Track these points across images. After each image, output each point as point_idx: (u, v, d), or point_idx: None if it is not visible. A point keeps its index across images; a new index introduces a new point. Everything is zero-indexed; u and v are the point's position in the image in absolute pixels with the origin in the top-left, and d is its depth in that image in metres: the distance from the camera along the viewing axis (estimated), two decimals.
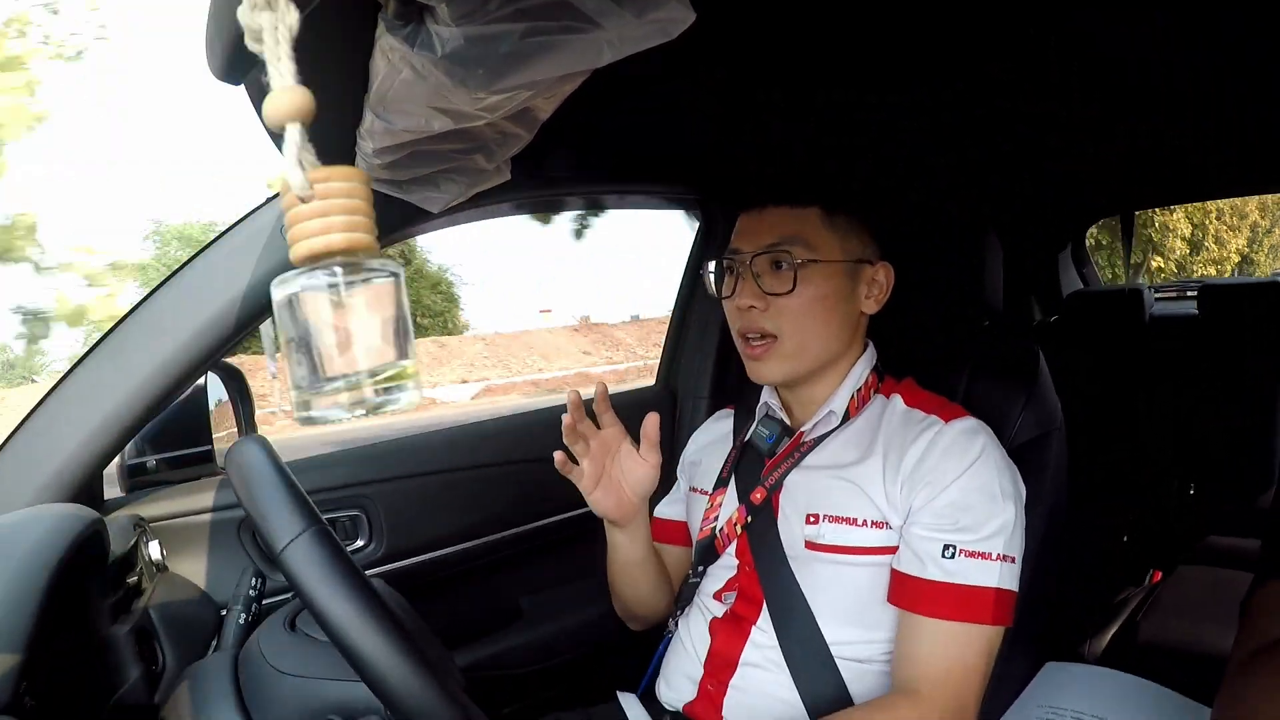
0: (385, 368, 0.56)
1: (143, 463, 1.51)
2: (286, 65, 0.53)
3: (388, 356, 0.56)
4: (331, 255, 0.54)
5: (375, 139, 0.93)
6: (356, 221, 0.55)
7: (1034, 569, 1.25)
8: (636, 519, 1.37)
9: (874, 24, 1.24)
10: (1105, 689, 1.32)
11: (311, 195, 0.54)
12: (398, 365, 0.56)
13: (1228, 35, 1.32)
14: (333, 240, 0.54)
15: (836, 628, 1.25)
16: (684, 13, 0.65)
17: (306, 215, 0.54)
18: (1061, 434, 1.43)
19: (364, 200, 0.56)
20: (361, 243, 0.55)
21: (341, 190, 0.54)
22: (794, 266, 1.26)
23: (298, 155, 0.54)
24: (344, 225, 0.54)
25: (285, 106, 0.53)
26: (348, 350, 0.54)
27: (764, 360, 1.30)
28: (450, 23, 0.62)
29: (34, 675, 0.85)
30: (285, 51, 0.53)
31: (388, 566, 1.71)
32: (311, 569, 0.85)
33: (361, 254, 0.55)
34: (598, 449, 1.31)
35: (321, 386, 0.54)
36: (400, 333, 0.57)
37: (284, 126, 0.53)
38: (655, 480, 1.32)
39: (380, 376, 0.55)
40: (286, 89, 0.53)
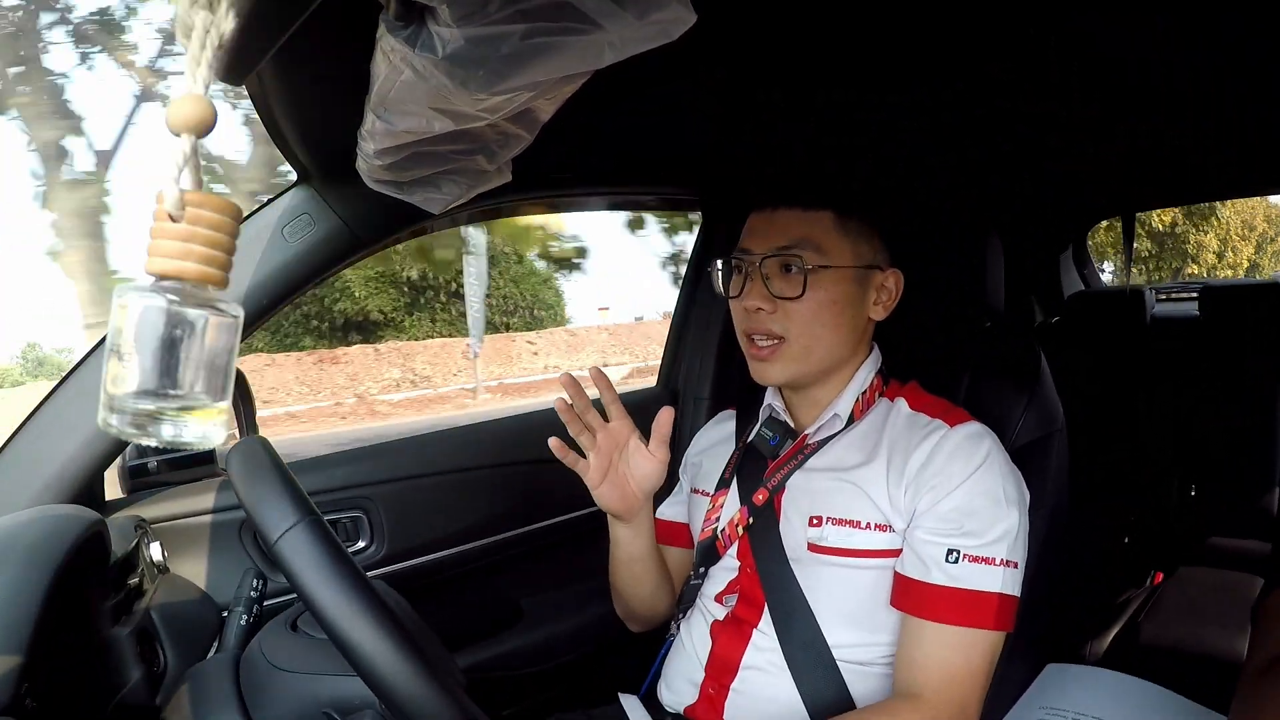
0: (195, 399, 0.56)
1: (144, 464, 1.51)
2: (204, 72, 0.53)
3: (197, 391, 0.56)
4: (182, 279, 0.55)
5: (376, 140, 0.93)
6: (215, 257, 0.56)
7: (1035, 570, 1.25)
8: (641, 514, 1.37)
9: (875, 24, 1.24)
10: (1107, 690, 1.32)
11: (181, 216, 0.54)
12: (206, 404, 0.57)
13: (1228, 36, 1.32)
14: (186, 268, 0.55)
15: (838, 630, 1.25)
16: (685, 14, 0.65)
17: (171, 234, 0.55)
18: (1063, 435, 1.43)
19: (229, 236, 0.56)
20: (213, 278, 0.56)
21: (210, 221, 0.55)
22: (804, 271, 1.25)
23: (180, 170, 0.54)
24: (201, 256, 0.55)
25: (187, 115, 0.53)
26: (164, 373, 0.55)
27: (769, 362, 1.29)
28: (451, 24, 0.62)
29: (35, 676, 0.85)
30: (208, 58, 0.53)
31: (389, 568, 1.71)
32: (305, 559, 0.85)
33: (211, 288, 0.56)
34: (605, 442, 1.31)
35: (124, 399, 0.55)
36: (222, 372, 0.57)
37: (180, 135, 0.53)
38: (662, 476, 1.32)
39: (185, 406, 0.56)
40: (194, 97, 0.53)
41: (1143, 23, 1.27)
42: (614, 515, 1.37)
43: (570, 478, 1.31)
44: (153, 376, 0.55)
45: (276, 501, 0.89)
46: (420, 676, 0.83)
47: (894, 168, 2.09)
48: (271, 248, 1.36)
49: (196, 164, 0.56)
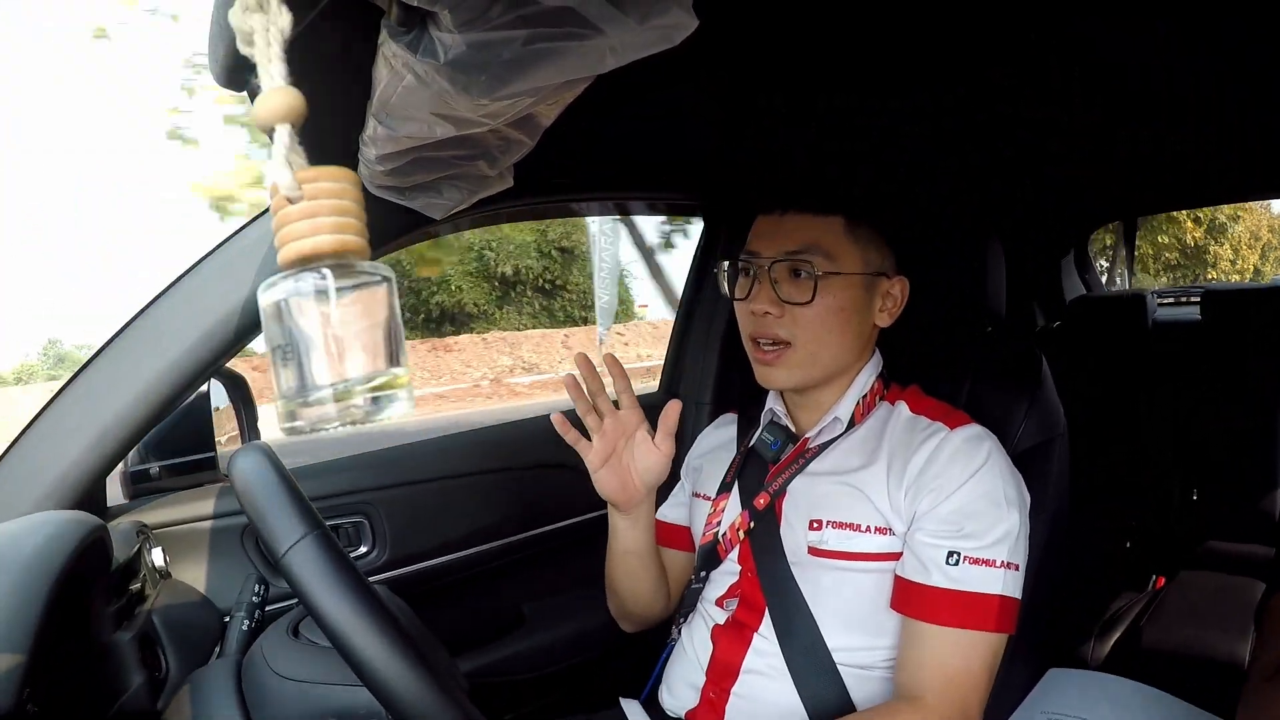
0: (376, 375, 0.54)
1: (146, 469, 1.51)
2: (278, 67, 0.53)
3: (378, 364, 0.54)
4: (320, 258, 0.53)
5: (378, 145, 0.93)
6: (345, 223, 0.54)
7: (1037, 574, 1.25)
8: (640, 508, 1.36)
9: (877, 29, 1.24)
10: (1108, 695, 1.32)
11: (300, 196, 0.53)
12: (388, 373, 0.55)
13: (1229, 41, 1.33)
14: (321, 242, 0.53)
15: (839, 634, 1.25)
16: (687, 19, 0.65)
17: (294, 216, 0.53)
18: (1064, 440, 1.43)
19: (354, 201, 0.55)
20: (351, 245, 0.54)
21: (330, 191, 0.54)
22: (814, 277, 1.24)
23: (286, 156, 0.53)
24: (332, 226, 0.53)
25: (275, 107, 0.53)
26: (337, 357, 0.53)
27: (775, 366, 1.29)
28: (453, 29, 0.62)
29: (37, 682, 0.85)
30: (276, 54, 0.53)
31: (391, 573, 1.71)
32: (313, 573, 0.85)
33: (352, 257, 0.54)
34: (612, 428, 1.30)
35: (309, 395, 0.53)
36: (391, 339, 0.56)
37: (274, 127, 0.53)
38: (666, 470, 1.31)
39: (370, 384, 0.54)
40: (277, 90, 0.53)
41: (1144, 28, 1.27)
42: (613, 504, 1.36)
43: (571, 483, 1.31)
44: (325, 365, 0.53)
45: (283, 514, 0.89)
46: (429, 691, 0.83)
47: (897, 173, 2.09)
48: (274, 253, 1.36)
49: (298, 149, 0.54)
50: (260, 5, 0.53)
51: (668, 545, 1.55)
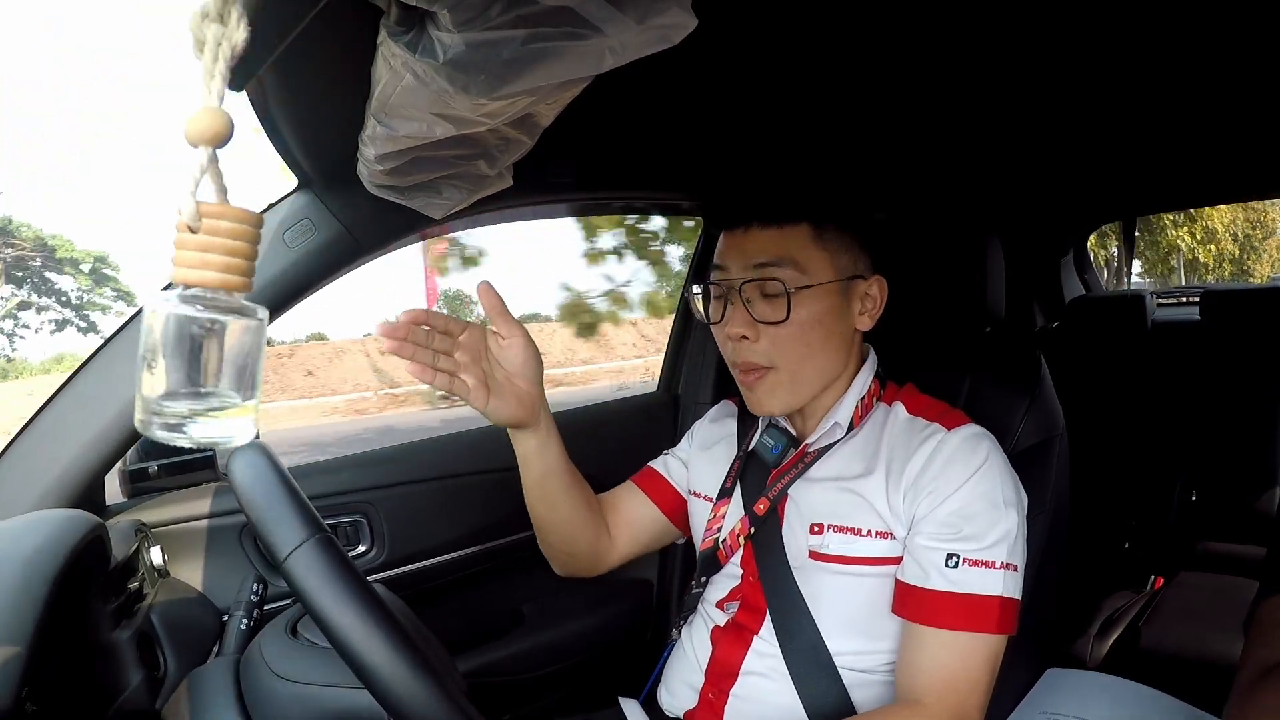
0: (226, 398, 0.59)
1: (144, 468, 1.51)
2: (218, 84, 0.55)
3: (228, 389, 0.59)
4: (204, 287, 0.57)
5: (377, 145, 0.93)
6: (234, 264, 0.58)
7: (1036, 575, 1.25)
8: (541, 416, 1.28)
9: (877, 28, 1.25)
10: (1107, 695, 1.32)
11: (198, 227, 0.56)
12: (234, 400, 0.59)
13: (1229, 41, 1.33)
14: (206, 276, 0.57)
15: (840, 638, 1.24)
16: (686, 19, 0.65)
17: (190, 245, 0.57)
18: (1063, 440, 1.43)
19: (248, 243, 0.59)
20: (234, 284, 0.58)
21: (227, 231, 0.57)
22: (786, 294, 1.21)
23: (197, 181, 0.56)
24: (220, 265, 0.57)
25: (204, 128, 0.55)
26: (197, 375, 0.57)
27: (758, 391, 1.27)
28: (452, 29, 0.62)
29: (35, 680, 0.84)
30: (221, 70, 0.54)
31: (390, 572, 1.71)
32: (315, 578, 0.85)
33: (233, 292, 0.58)
34: (466, 357, 1.19)
35: (162, 404, 0.57)
36: (249, 371, 0.60)
37: (197, 147, 0.55)
38: (533, 351, 1.23)
39: (216, 406, 0.59)
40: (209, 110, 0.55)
41: (1144, 28, 1.27)
42: (517, 426, 1.27)
43: None
44: (182, 379, 0.57)
45: (284, 517, 0.89)
46: (436, 699, 0.83)
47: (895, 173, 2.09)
48: (272, 253, 1.36)
49: (217, 174, 0.57)
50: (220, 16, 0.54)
51: (645, 490, 1.53)
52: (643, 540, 1.51)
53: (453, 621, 1.80)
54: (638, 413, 2.24)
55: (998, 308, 1.50)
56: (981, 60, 1.40)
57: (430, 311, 1.16)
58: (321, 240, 1.39)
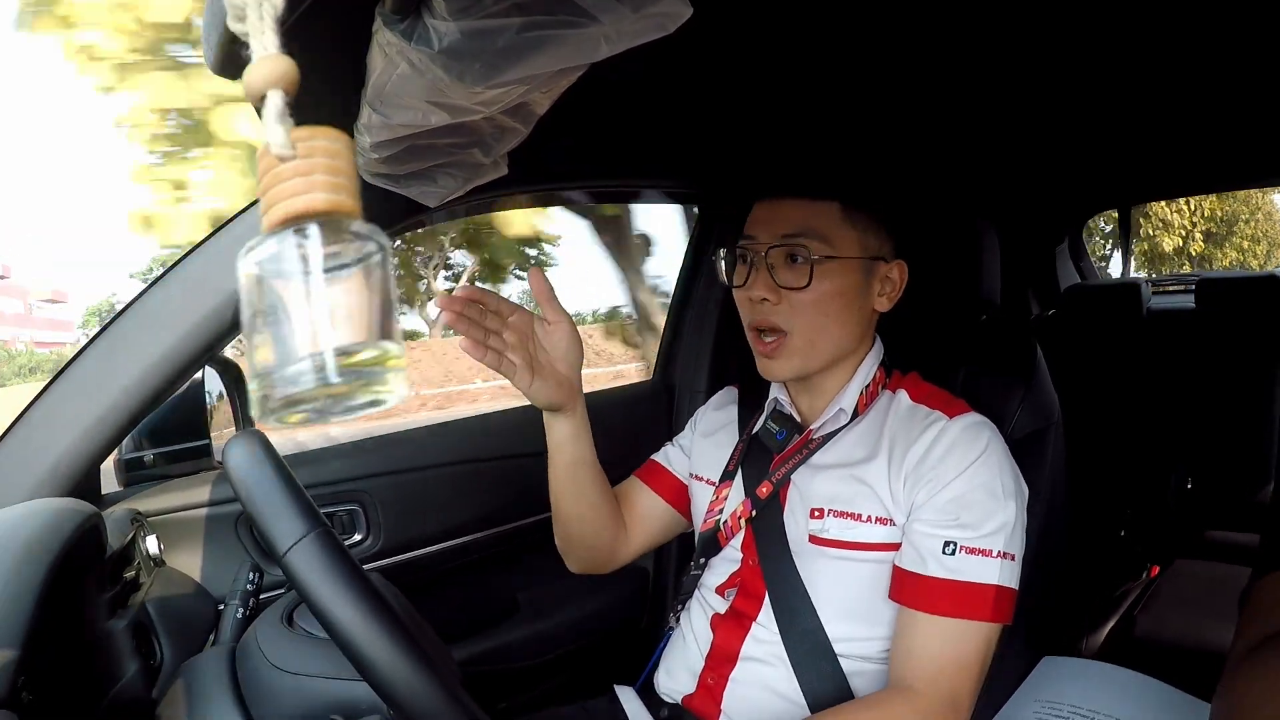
0: (362, 348, 0.49)
1: (140, 457, 1.50)
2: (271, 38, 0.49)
3: (365, 336, 0.49)
4: (312, 217, 0.48)
5: (372, 133, 0.93)
6: (340, 184, 0.50)
7: (1031, 563, 1.25)
8: (577, 400, 1.30)
9: (871, 15, 1.24)
10: (1102, 683, 1.33)
11: (293, 155, 0.49)
12: (378, 347, 0.50)
13: (1226, 27, 1.32)
14: (314, 200, 0.49)
15: (839, 623, 1.25)
16: (681, 7, 0.64)
17: (287, 174, 0.49)
18: (1059, 428, 1.43)
19: (349, 164, 0.51)
20: (345, 206, 0.50)
21: (326, 150, 0.50)
22: (810, 261, 1.23)
23: (278, 118, 0.49)
24: (327, 185, 0.49)
25: (268, 74, 0.49)
26: (321, 325, 0.47)
27: (775, 359, 1.28)
28: (447, 17, 0.62)
29: (31, 670, 0.85)
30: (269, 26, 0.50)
31: (385, 561, 1.71)
32: (316, 573, 0.85)
33: (344, 219, 0.50)
34: (514, 338, 1.22)
35: (287, 368, 0.47)
36: (383, 311, 0.50)
37: (265, 95, 0.49)
38: (576, 338, 1.26)
39: (356, 358, 0.48)
40: (269, 57, 0.50)
41: (1140, 14, 1.27)
42: (554, 409, 1.30)
43: None
44: (306, 335, 0.47)
45: (283, 511, 0.89)
46: (437, 693, 0.83)
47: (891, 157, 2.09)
48: None
49: (287, 118, 0.49)
50: None
51: (650, 484, 1.54)
52: (653, 532, 1.53)
53: (448, 610, 1.81)
54: (634, 400, 2.24)
55: (993, 296, 1.50)
56: (977, 47, 1.40)
57: (485, 290, 1.21)
58: None
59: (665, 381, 2.24)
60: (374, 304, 0.50)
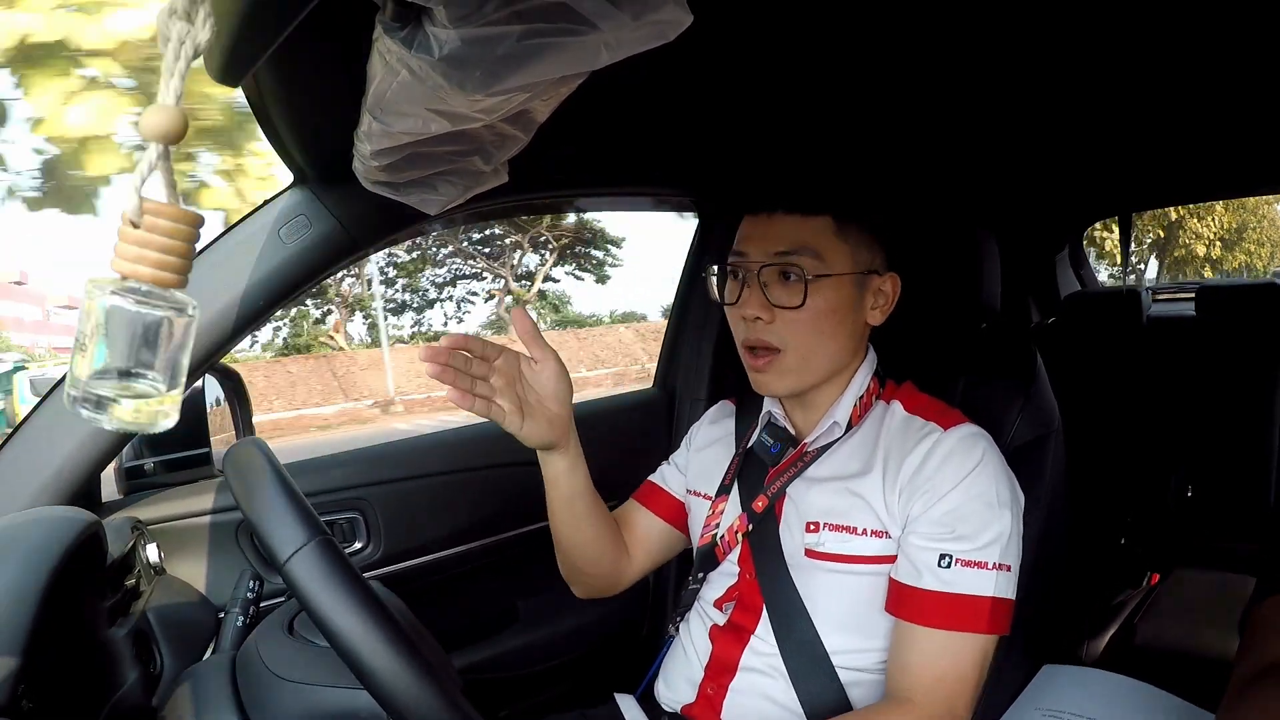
0: (152, 385, 0.61)
1: (140, 465, 1.51)
2: (176, 83, 0.56)
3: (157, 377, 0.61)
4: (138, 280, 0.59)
5: (373, 141, 0.93)
6: (169, 261, 0.60)
7: (1031, 571, 1.25)
8: (570, 436, 1.29)
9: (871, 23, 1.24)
10: (1103, 691, 1.32)
11: (139, 222, 0.59)
12: (160, 388, 0.62)
13: (1225, 35, 1.33)
14: (140, 270, 0.59)
15: (836, 636, 1.25)
16: (682, 15, 0.65)
17: (130, 239, 0.59)
18: (1059, 436, 1.43)
19: (185, 242, 0.61)
20: (166, 280, 0.60)
21: (166, 229, 0.59)
22: (805, 280, 1.22)
23: (143, 178, 0.58)
24: (155, 262, 0.59)
25: (158, 125, 0.56)
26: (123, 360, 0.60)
27: (767, 374, 1.28)
28: (448, 25, 0.62)
29: (31, 678, 0.84)
30: (181, 69, 0.56)
31: (385, 569, 1.71)
32: (316, 582, 0.85)
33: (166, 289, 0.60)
34: (502, 382, 1.21)
35: (91, 381, 0.60)
36: (176, 362, 0.62)
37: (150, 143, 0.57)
38: (564, 375, 1.24)
39: (142, 392, 0.61)
40: (164, 108, 0.56)
41: (1140, 22, 1.27)
42: (548, 448, 1.29)
43: None
44: (111, 363, 0.60)
45: (284, 519, 0.89)
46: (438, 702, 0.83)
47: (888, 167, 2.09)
48: (268, 249, 1.36)
49: (168, 170, 0.59)
50: (187, 15, 0.54)
51: (648, 506, 1.53)
52: (654, 553, 1.53)
53: (449, 618, 1.80)
54: (634, 409, 2.23)
55: (993, 304, 1.50)
56: (976, 54, 1.40)
57: (469, 336, 1.18)
58: (317, 236, 1.39)
59: (666, 389, 2.24)
60: (169, 355, 0.61)
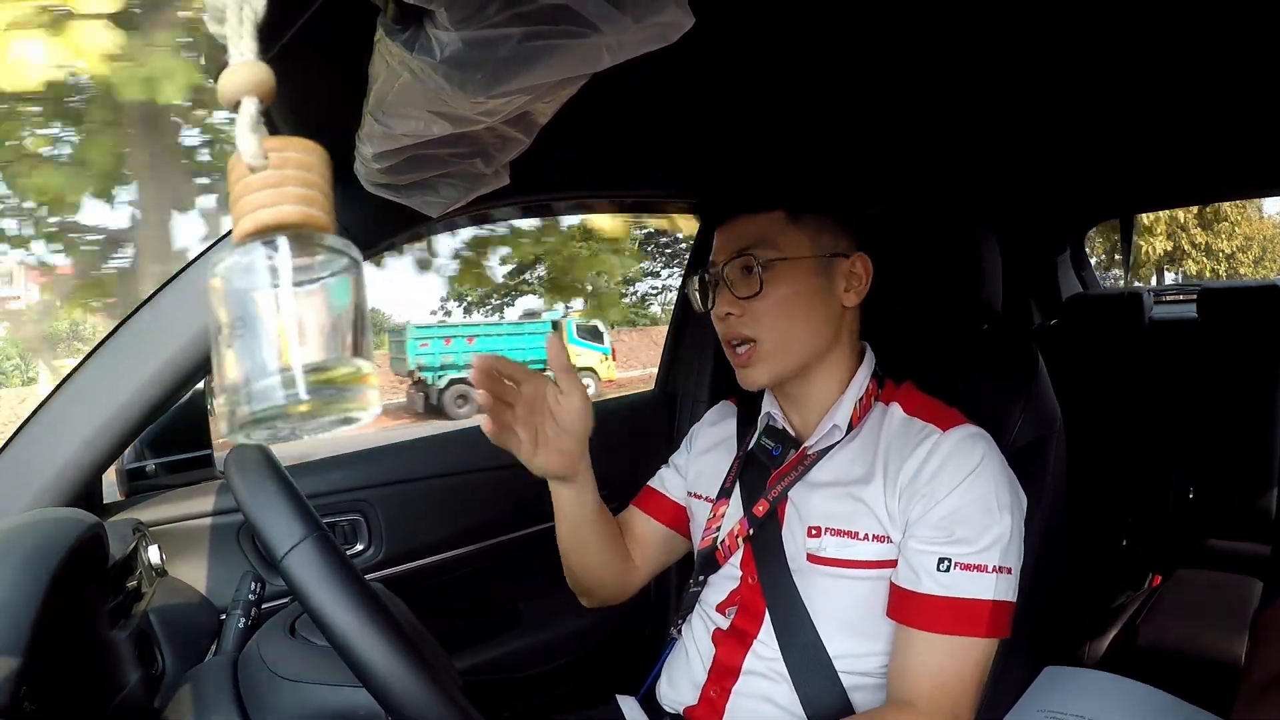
0: (334, 364, 0.48)
1: (142, 467, 1.51)
2: (248, 44, 0.49)
3: (338, 352, 0.49)
4: (283, 229, 0.48)
5: (374, 143, 0.93)
6: (312, 196, 0.49)
7: (1033, 572, 1.25)
8: (582, 468, 1.29)
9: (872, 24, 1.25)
10: (1104, 693, 1.32)
11: (264, 165, 0.48)
12: (349, 364, 0.49)
13: (1228, 37, 1.33)
14: (284, 212, 0.48)
15: (838, 640, 1.25)
16: (683, 17, 0.65)
17: (257, 185, 0.48)
18: (1061, 437, 1.43)
19: (322, 176, 0.51)
20: (316, 219, 0.49)
21: (298, 161, 0.50)
22: (760, 268, 1.26)
23: (251, 126, 0.48)
24: (298, 197, 0.49)
25: (244, 80, 0.49)
26: (291, 340, 0.47)
27: (749, 366, 1.30)
28: (449, 27, 0.62)
29: (33, 679, 0.84)
30: (248, 30, 0.49)
31: (387, 571, 1.71)
32: (313, 576, 0.85)
33: (316, 233, 0.49)
34: (525, 412, 1.20)
35: (255, 384, 0.46)
36: (355, 327, 0.50)
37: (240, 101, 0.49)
38: (588, 411, 1.23)
39: (327, 374, 0.47)
40: (246, 64, 0.49)
41: (1141, 22, 1.27)
42: (557, 479, 1.29)
43: None
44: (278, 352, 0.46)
45: (281, 515, 0.89)
46: (434, 697, 0.83)
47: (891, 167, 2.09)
48: None
49: (262, 126, 0.49)
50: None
51: (647, 511, 1.54)
52: (657, 557, 1.53)
53: (451, 619, 1.81)
54: (635, 410, 2.24)
55: (995, 305, 1.50)
56: (978, 55, 1.40)
57: (500, 358, 1.18)
58: None
59: (667, 391, 2.24)
60: (345, 318, 0.49)
